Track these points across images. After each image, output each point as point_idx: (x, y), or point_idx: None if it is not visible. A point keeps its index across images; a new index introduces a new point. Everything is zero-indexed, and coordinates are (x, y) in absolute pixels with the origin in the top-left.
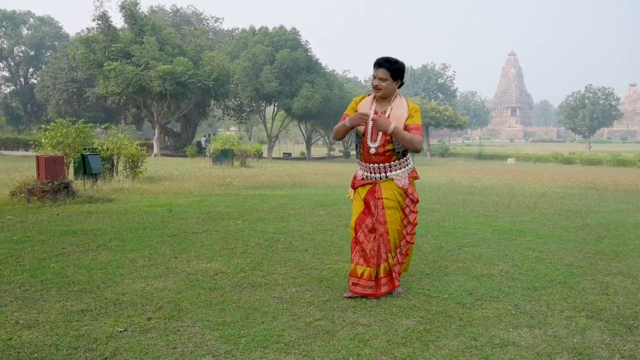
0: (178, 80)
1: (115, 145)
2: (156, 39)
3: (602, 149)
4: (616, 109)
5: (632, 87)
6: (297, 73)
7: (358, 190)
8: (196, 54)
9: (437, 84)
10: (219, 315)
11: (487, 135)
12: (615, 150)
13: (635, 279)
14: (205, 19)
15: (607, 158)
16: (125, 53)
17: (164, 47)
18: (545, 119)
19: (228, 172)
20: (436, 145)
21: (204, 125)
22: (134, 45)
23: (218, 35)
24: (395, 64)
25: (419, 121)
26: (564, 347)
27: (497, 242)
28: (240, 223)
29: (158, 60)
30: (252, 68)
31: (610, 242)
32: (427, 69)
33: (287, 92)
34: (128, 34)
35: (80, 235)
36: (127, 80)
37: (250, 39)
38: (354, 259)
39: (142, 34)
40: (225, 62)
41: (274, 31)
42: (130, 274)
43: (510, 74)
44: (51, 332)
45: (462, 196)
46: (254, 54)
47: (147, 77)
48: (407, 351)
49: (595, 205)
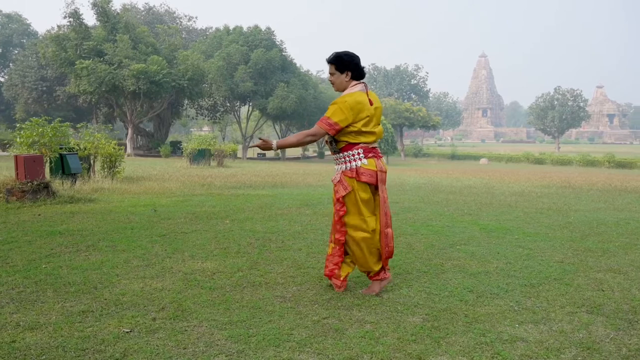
0: (152, 80)
1: (92, 144)
2: (129, 38)
3: (571, 149)
4: (584, 110)
5: (599, 89)
6: (272, 73)
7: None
8: (170, 53)
9: (410, 85)
10: (224, 315)
11: (459, 136)
12: (583, 150)
13: (626, 275)
14: (179, 18)
15: (576, 158)
16: (97, 51)
17: (138, 46)
18: (515, 120)
19: (207, 172)
20: (410, 146)
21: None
22: (106, 43)
23: (192, 34)
24: (337, 57)
25: (328, 112)
26: (572, 341)
27: (487, 240)
28: (228, 223)
29: (131, 59)
30: (226, 67)
31: (596, 240)
32: (400, 70)
33: (262, 92)
34: (100, 32)
35: (67, 236)
36: (99, 79)
37: (224, 38)
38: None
39: (114, 32)
40: (199, 62)
41: (248, 31)
42: (126, 274)
43: (481, 75)
44: (55, 333)
45: (444, 195)
46: (229, 54)
47: (121, 76)
48: (420, 348)
49: (574, 204)
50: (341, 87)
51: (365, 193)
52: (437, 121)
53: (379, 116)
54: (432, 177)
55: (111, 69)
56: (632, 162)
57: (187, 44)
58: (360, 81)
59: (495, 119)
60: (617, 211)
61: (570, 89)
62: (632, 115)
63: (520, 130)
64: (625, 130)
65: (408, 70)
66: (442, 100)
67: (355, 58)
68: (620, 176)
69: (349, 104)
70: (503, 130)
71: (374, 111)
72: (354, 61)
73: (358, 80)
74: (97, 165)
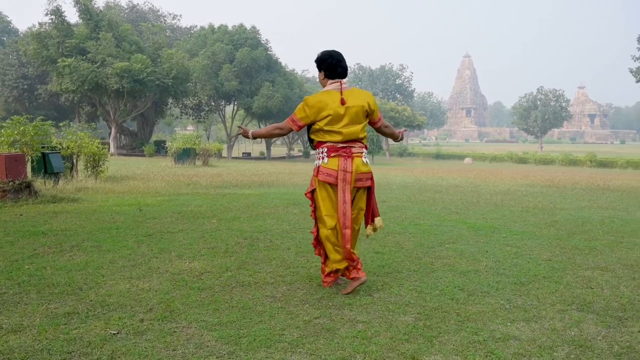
0: (136, 78)
1: (75, 143)
2: (113, 36)
3: (554, 149)
4: (566, 111)
5: (581, 89)
6: (257, 72)
7: None
8: (154, 52)
9: (395, 85)
10: (213, 316)
11: (443, 136)
12: (565, 150)
13: (614, 272)
14: (163, 16)
15: (559, 158)
16: (80, 49)
17: (121, 44)
18: (499, 120)
19: (192, 172)
20: (395, 145)
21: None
22: (89, 41)
23: (176, 33)
24: (316, 58)
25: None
26: (564, 339)
27: (475, 238)
28: (215, 222)
29: (115, 57)
30: (211, 66)
31: (582, 238)
32: (385, 70)
33: (247, 91)
34: (83, 29)
35: (50, 236)
36: (82, 77)
37: (209, 37)
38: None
39: (97, 30)
40: (184, 60)
41: (233, 29)
42: (112, 275)
43: (465, 75)
44: (40, 336)
45: (430, 194)
46: (214, 52)
47: (104, 75)
48: (413, 347)
49: (559, 203)
50: (323, 86)
51: (323, 191)
52: (422, 121)
53: (353, 116)
54: (418, 176)
55: (94, 67)
56: (613, 161)
57: (172, 43)
58: (336, 80)
59: (479, 118)
60: (601, 209)
61: (553, 89)
62: (612, 115)
63: (503, 130)
64: (606, 130)
65: (393, 70)
66: (427, 100)
67: (328, 57)
68: (602, 175)
69: (310, 102)
70: (487, 130)
71: (343, 111)
72: (326, 61)
73: (334, 78)
74: (80, 164)
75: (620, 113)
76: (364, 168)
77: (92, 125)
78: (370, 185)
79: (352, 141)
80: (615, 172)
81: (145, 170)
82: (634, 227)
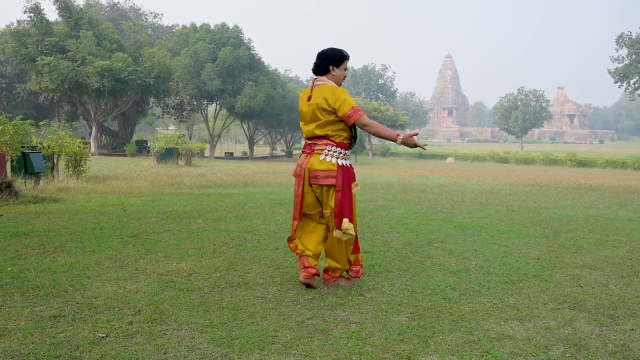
0: (117, 77)
1: (56, 143)
2: (93, 34)
3: (534, 148)
4: (546, 111)
5: (560, 90)
6: (240, 71)
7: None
8: (136, 50)
9: (378, 85)
10: (204, 317)
11: (425, 135)
12: (545, 149)
13: (602, 271)
14: (144, 15)
15: (540, 157)
16: (60, 47)
17: (102, 42)
18: (480, 120)
19: (176, 171)
20: (377, 145)
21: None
22: (69, 39)
23: (157, 32)
24: None
25: None
26: (558, 338)
27: (463, 237)
28: (201, 222)
29: (95, 55)
30: (193, 65)
31: (568, 237)
32: (368, 70)
33: (230, 90)
34: (63, 27)
35: (32, 237)
36: (62, 76)
37: (191, 36)
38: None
39: (77, 28)
40: (166, 59)
41: (215, 28)
42: (98, 277)
43: (447, 75)
44: (25, 340)
45: (416, 194)
46: (196, 51)
47: (84, 73)
48: (408, 348)
49: (543, 202)
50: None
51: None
52: (404, 120)
53: (311, 113)
54: (402, 175)
55: (74, 66)
56: (592, 160)
57: (153, 42)
58: (317, 77)
59: (461, 118)
60: (585, 208)
61: (533, 90)
62: (591, 115)
63: (484, 130)
64: (585, 130)
65: (375, 70)
66: (409, 100)
67: (318, 55)
68: (582, 174)
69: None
70: (468, 130)
71: (306, 108)
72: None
73: (317, 75)
74: (61, 164)
75: (598, 113)
76: (318, 165)
77: (73, 125)
78: (335, 184)
79: (315, 138)
80: (595, 171)
81: (128, 170)
82: (617, 226)
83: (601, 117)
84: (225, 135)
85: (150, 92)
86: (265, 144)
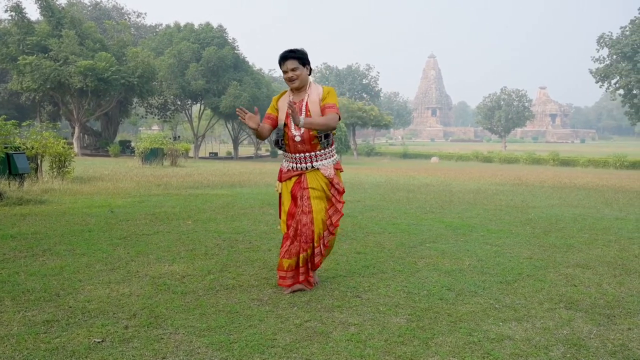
0: (100, 77)
1: (40, 144)
2: (76, 33)
3: (517, 148)
4: (529, 110)
5: (542, 90)
6: (224, 71)
7: (285, 183)
8: (119, 50)
9: (362, 85)
10: (200, 321)
11: (409, 135)
12: (528, 149)
13: (595, 270)
14: (127, 14)
15: (523, 157)
16: (42, 47)
17: (85, 42)
18: (463, 120)
19: (162, 172)
20: (362, 145)
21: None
22: (51, 38)
23: (140, 31)
24: (299, 52)
25: (333, 100)
26: (557, 339)
27: (454, 237)
28: (191, 223)
29: (78, 55)
30: (177, 65)
31: (558, 236)
32: (352, 70)
33: (215, 90)
34: (45, 26)
35: (20, 240)
36: (44, 76)
37: (175, 36)
38: (284, 253)
39: (60, 27)
40: (150, 59)
41: (200, 28)
42: (90, 280)
43: (431, 75)
44: (19, 346)
45: (403, 194)
46: (180, 51)
47: (67, 73)
48: (409, 350)
49: (530, 201)
50: (303, 82)
51: None
52: (389, 120)
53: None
54: (388, 175)
55: (57, 66)
56: (574, 160)
57: (136, 41)
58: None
59: (444, 118)
60: (572, 207)
61: (516, 90)
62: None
63: (468, 130)
64: (566, 129)
65: (360, 70)
66: (393, 100)
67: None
68: (566, 173)
69: None
70: (452, 130)
71: None
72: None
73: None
74: (45, 165)
75: (580, 113)
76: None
77: (57, 125)
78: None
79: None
80: (578, 170)
81: (113, 171)
82: (605, 225)
83: (582, 116)
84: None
85: (134, 92)
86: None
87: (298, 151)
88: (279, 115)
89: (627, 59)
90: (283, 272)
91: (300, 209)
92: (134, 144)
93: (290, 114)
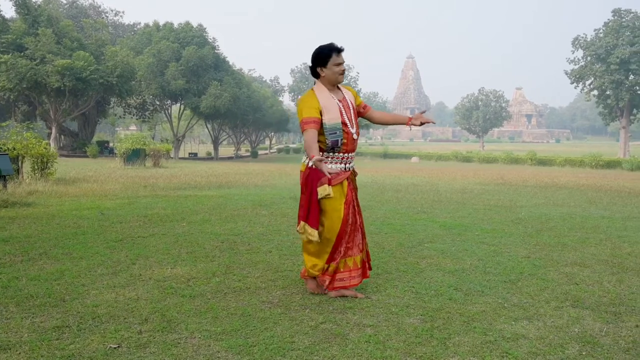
0: (78, 76)
1: (21, 144)
2: (52, 31)
3: (494, 147)
4: (506, 111)
5: (518, 90)
6: (204, 71)
7: (339, 186)
8: (97, 49)
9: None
10: (214, 324)
11: (389, 135)
12: (505, 149)
13: (592, 268)
14: (104, 12)
15: (502, 156)
16: (17, 45)
17: (62, 41)
18: (441, 120)
19: (145, 173)
20: None
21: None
22: (27, 37)
23: (118, 30)
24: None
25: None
26: (570, 337)
27: (450, 237)
28: (185, 225)
29: (56, 54)
30: (157, 65)
31: (551, 235)
32: None
33: (195, 90)
34: (20, 25)
35: (13, 243)
36: (20, 75)
37: (154, 35)
38: (335, 258)
39: (36, 25)
40: (129, 58)
41: (179, 27)
42: (93, 284)
43: (409, 76)
44: (33, 353)
45: (392, 194)
46: (159, 50)
47: (44, 72)
48: (429, 350)
49: (517, 200)
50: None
51: None
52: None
53: None
54: (373, 176)
55: (33, 65)
56: (551, 159)
57: (114, 40)
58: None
59: None
60: (558, 206)
61: (494, 90)
62: (548, 115)
63: (446, 130)
64: (542, 129)
65: None
66: (372, 100)
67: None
68: (545, 172)
69: None
70: (430, 130)
71: None
72: None
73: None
74: (27, 166)
75: (555, 113)
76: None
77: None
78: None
79: None
80: (556, 169)
81: (96, 172)
82: (593, 224)
83: (557, 117)
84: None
85: (113, 91)
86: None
87: (350, 150)
88: (325, 116)
89: (601, 61)
90: (347, 272)
91: (357, 210)
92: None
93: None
